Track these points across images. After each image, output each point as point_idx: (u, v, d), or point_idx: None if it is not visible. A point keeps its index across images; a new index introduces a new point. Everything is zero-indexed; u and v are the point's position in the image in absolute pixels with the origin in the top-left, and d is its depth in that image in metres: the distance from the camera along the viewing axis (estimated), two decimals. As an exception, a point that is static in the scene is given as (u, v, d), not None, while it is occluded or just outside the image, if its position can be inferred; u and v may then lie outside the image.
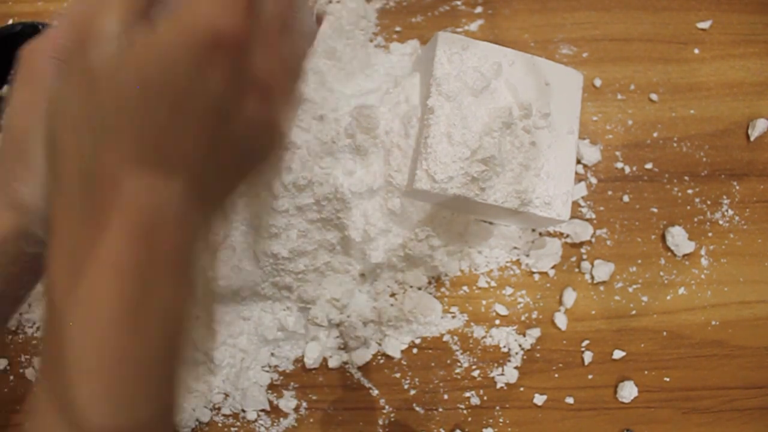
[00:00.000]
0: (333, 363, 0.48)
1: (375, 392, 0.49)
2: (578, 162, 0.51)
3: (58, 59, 0.25)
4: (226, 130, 0.23)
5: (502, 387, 0.49)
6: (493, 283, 0.50)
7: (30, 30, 0.51)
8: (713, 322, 0.50)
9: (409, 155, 0.43)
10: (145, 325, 0.23)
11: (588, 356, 0.49)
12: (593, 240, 0.50)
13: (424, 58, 0.45)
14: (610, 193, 0.51)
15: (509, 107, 0.42)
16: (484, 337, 0.49)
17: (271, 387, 0.48)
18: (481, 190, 0.42)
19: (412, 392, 0.49)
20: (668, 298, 0.50)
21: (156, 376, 0.24)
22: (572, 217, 0.50)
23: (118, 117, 0.21)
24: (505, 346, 0.49)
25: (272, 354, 0.49)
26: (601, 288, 0.50)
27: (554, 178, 0.43)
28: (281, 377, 0.48)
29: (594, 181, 0.51)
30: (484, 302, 0.50)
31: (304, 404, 0.49)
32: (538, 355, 0.49)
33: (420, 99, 0.44)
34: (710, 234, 0.51)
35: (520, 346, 0.49)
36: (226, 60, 0.21)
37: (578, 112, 0.45)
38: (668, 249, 0.50)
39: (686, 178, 0.51)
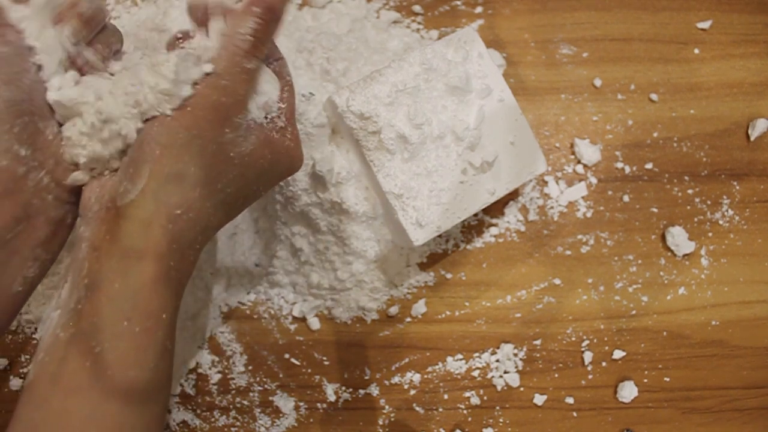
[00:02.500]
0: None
1: (375, 392, 0.49)
2: (578, 162, 0.51)
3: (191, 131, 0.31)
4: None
5: (502, 387, 0.49)
6: (491, 283, 0.50)
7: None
8: (713, 322, 0.50)
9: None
10: (171, 293, 0.31)
11: (588, 356, 0.49)
12: (593, 240, 0.50)
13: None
14: (610, 193, 0.51)
15: (464, 127, 0.42)
16: (485, 336, 0.49)
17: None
18: (380, 143, 0.42)
19: (412, 392, 0.49)
20: (668, 298, 0.50)
21: (168, 342, 0.31)
22: (565, 219, 0.50)
23: (233, 180, 0.33)
24: (503, 348, 0.49)
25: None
26: (601, 288, 0.50)
27: (445, 209, 0.43)
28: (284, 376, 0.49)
29: (594, 181, 0.51)
30: (484, 302, 0.50)
31: (304, 404, 0.49)
32: (538, 355, 0.49)
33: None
34: (710, 234, 0.51)
35: (520, 345, 0.49)
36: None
37: (514, 187, 0.45)
38: (668, 249, 0.50)
39: (686, 178, 0.51)
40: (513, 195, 0.50)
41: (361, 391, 0.49)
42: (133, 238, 0.30)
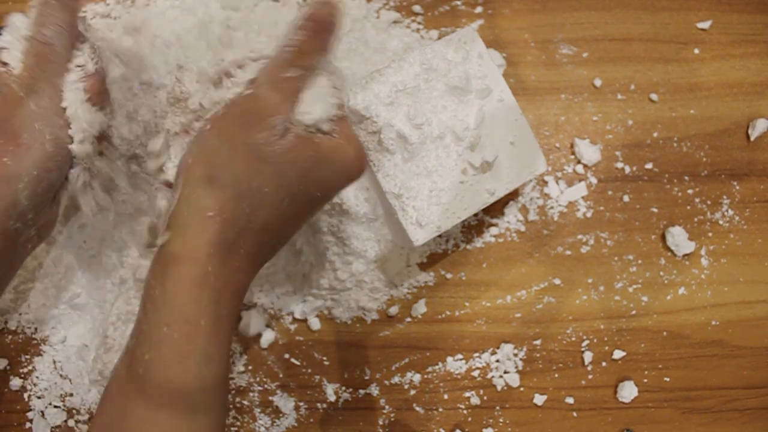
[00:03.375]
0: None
1: (375, 392, 0.49)
2: (578, 162, 0.51)
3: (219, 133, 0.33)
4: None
5: (502, 387, 0.49)
6: (491, 283, 0.50)
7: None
8: (713, 322, 0.50)
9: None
10: (219, 296, 0.31)
11: (588, 356, 0.49)
12: (593, 240, 0.50)
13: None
14: (610, 193, 0.51)
15: (464, 127, 0.42)
16: (485, 336, 0.49)
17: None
18: (380, 143, 0.42)
19: (412, 392, 0.49)
20: (668, 298, 0.50)
21: (212, 349, 0.31)
22: (566, 218, 0.50)
23: (270, 179, 0.32)
24: (503, 348, 0.49)
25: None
26: (601, 288, 0.50)
27: (445, 209, 0.43)
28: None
29: (594, 181, 0.51)
30: (484, 302, 0.50)
31: (304, 404, 0.49)
32: (538, 355, 0.49)
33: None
34: (710, 234, 0.51)
35: (520, 345, 0.49)
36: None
37: (514, 187, 0.45)
38: (668, 249, 0.50)
39: (686, 178, 0.51)
40: (513, 195, 0.50)
41: (361, 391, 0.49)
42: (171, 245, 0.31)
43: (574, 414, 0.49)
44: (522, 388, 0.49)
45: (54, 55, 0.35)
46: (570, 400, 0.49)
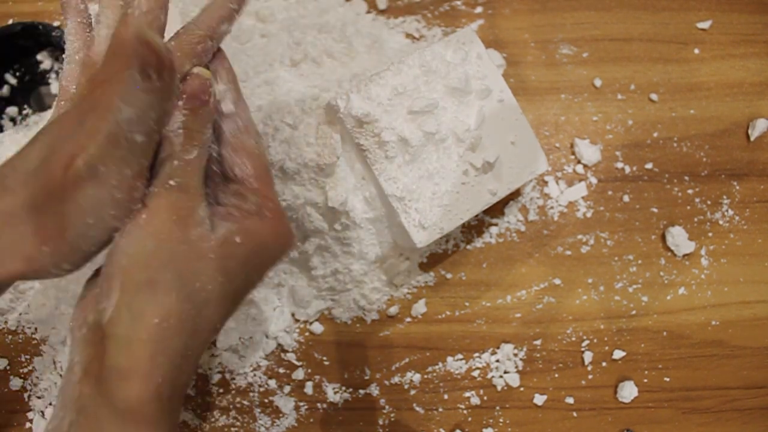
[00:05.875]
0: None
1: (375, 392, 0.49)
2: (578, 162, 0.51)
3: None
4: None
5: (502, 387, 0.49)
6: (491, 283, 0.50)
7: (30, 30, 0.51)
8: (713, 322, 0.50)
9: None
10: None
11: (588, 356, 0.49)
12: (593, 240, 0.50)
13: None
14: (610, 193, 0.51)
15: (464, 128, 0.42)
16: (485, 336, 0.49)
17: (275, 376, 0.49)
18: (380, 147, 0.42)
19: (412, 392, 0.49)
20: (668, 298, 0.50)
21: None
22: (565, 219, 0.50)
23: (212, 276, 0.30)
24: (503, 348, 0.49)
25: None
26: (601, 288, 0.50)
27: (447, 211, 0.43)
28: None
29: (594, 181, 0.51)
30: (484, 302, 0.50)
31: (304, 404, 0.49)
32: (538, 355, 0.49)
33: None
34: (710, 234, 0.51)
35: (520, 345, 0.49)
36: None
37: (516, 187, 0.45)
38: (668, 249, 0.51)
39: (686, 178, 0.51)
40: (513, 195, 0.50)
41: (361, 391, 0.49)
42: (116, 358, 0.28)
43: (574, 414, 0.49)
44: (522, 388, 0.49)
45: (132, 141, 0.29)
46: (570, 400, 0.49)
